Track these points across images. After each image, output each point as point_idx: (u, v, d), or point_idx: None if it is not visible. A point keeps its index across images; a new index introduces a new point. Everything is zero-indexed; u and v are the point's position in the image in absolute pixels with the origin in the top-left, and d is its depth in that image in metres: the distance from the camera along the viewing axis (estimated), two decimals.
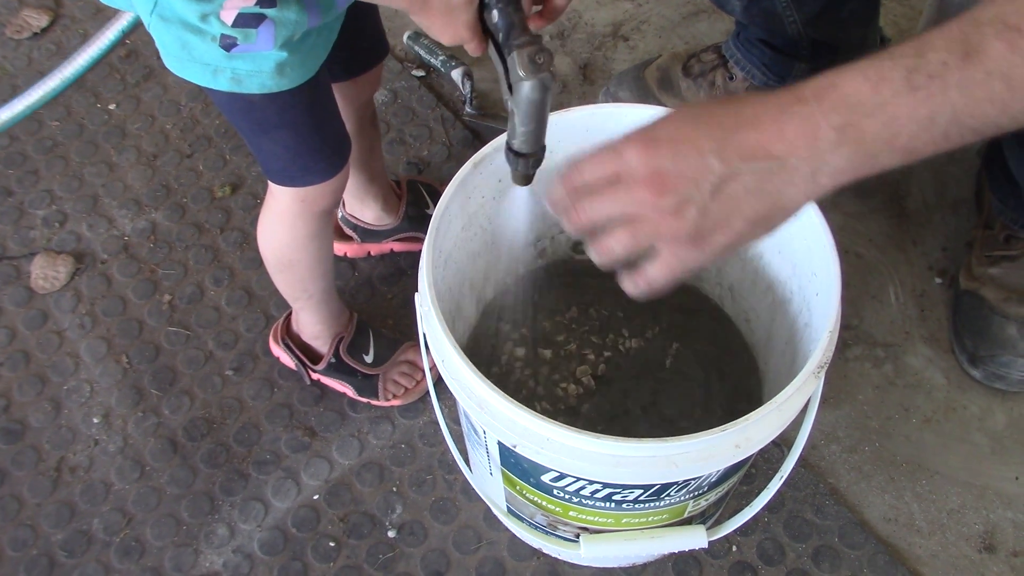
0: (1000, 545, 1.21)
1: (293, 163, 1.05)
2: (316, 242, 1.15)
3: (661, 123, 0.67)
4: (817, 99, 0.63)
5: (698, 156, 0.64)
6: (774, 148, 0.63)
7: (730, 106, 0.66)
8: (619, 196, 0.67)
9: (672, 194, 0.65)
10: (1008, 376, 1.29)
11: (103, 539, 1.23)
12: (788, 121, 0.63)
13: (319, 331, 1.30)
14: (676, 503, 0.93)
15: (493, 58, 0.80)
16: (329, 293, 1.26)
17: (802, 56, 1.39)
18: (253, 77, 0.92)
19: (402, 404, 1.32)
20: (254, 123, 1.01)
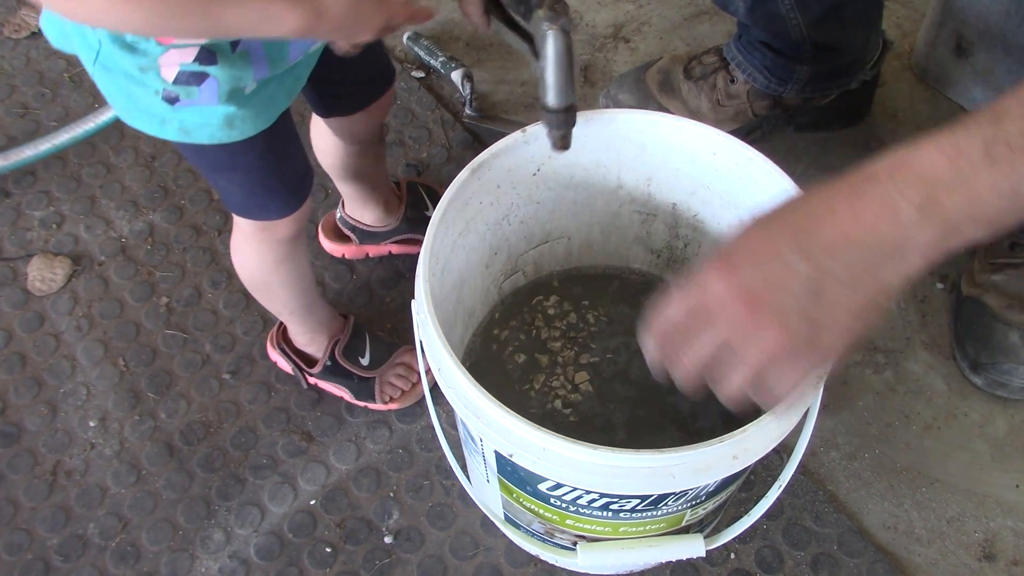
0: (1000, 554, 1.21)
1: (248, 200, 1.04)
2: (286, 265, 1.15)
3: (733, 243, 0.65)
4: (891, 177, 0.60)
5: (782, 263, 0.61)
6: (855, 234, 0.61)
7: (799, 203, 0.64)
8: (717, 328, 0.64)
9: (769, 309, 0.62)
10: (1010, 384, 1.28)
11: (99, 543, 1.23)
12: (865, 204, 0.60)
13: (309, 339, 1.30)
14: (674, 512, 0.92)
15: (501, 32, 0.86)
16: (311, 307, 1.25)
17: (804, 59, 1.38)
18: (201, 129, 0.91)
19: (400, 407, 1.31)
20: (207, 164, 1.00)
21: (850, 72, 1.44)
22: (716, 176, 1.02)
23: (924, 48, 1.60)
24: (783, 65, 1.40)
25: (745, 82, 1.45)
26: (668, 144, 1.01)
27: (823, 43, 1.35)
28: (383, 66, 1.19)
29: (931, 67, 1.60)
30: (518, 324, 1.17)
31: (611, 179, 1.08)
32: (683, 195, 1.08)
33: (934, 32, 1.56)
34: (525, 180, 1.04)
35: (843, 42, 1.38)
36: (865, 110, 1.57)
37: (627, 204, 1.12)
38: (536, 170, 1.03)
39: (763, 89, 1.44)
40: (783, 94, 1.44)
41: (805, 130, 1.55)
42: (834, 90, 1.46)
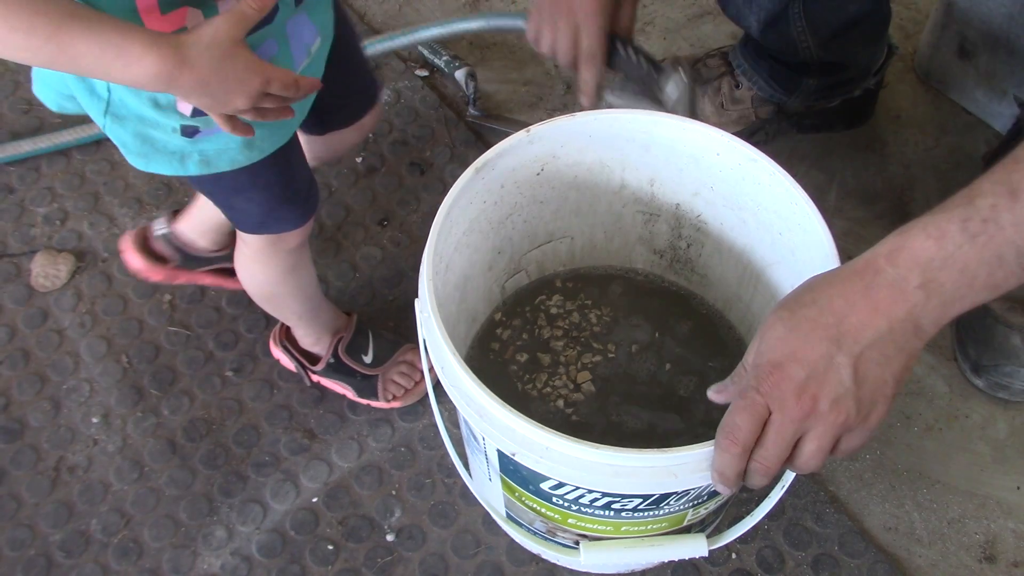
0: (1000, 555, 1.21)
1: (267, 217, 1.04)
2: (294, 275, 1.16)
3: (766, 349, 0.73)
4: (892, 264, 0.70)
5: (826, 362, 0.71)
6: (878, 323, 0.71)
7: (817, 303, 0.72)
8: (785, 428, 0.72)
9: (824, 398, 0.71)
10: (1011, 386, 1.28)
11: (101, 540, 1.23)
12: (877, 293, 0.71)
13: (314, 340, 1.30)
14: (676, 512, 0.92)
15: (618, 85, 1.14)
16: (317, 310, 1.26)
17: (811, 73, 1.38)
18: (222, 155, 0.91)
19: (403, 405, 1.31)
20: (226, 189, 1.00)
21: (855, 81, 1.44)
22: (719, 177, 1.02)
23: (927, 50, 1.60)
24: (789, 77, 1.40)
25: (749, 88, 1.45)
26: (672, 145, 1.02)
27: (830, 60, 1.36)
28: (368, 84, 1.17)
29: (934, 69, 1.61)
30: (521, 324, 1.17)
31: (614, 179, 1.08)
32: (686, 196, 1.08)
33: (937, 34, 1.56)
34: (529, 180, 1.04)
35: (850, 58, 1.39)
36: (868, 113, 1.57)
37: (630, 204, 1.12)
38: (540, 170, 1.04)
39: (768, 97, 1.44)
40: (787, 102, 1.44)
41: (808, 132, 1.55)
42: (838, 98, 1.46)
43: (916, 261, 0.69)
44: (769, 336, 0.74)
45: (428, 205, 1.51)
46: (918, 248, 0.69)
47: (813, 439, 0.73)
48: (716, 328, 1.17)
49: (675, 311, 1.18)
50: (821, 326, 0.72)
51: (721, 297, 1.17)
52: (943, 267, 0.69)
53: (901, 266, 0.70)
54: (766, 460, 0.74)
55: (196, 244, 1.33)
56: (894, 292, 0.70)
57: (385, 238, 1.48)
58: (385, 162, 1.56)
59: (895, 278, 0.70)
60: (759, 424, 0.73)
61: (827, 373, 0.71)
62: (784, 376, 0.72)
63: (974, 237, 0.68)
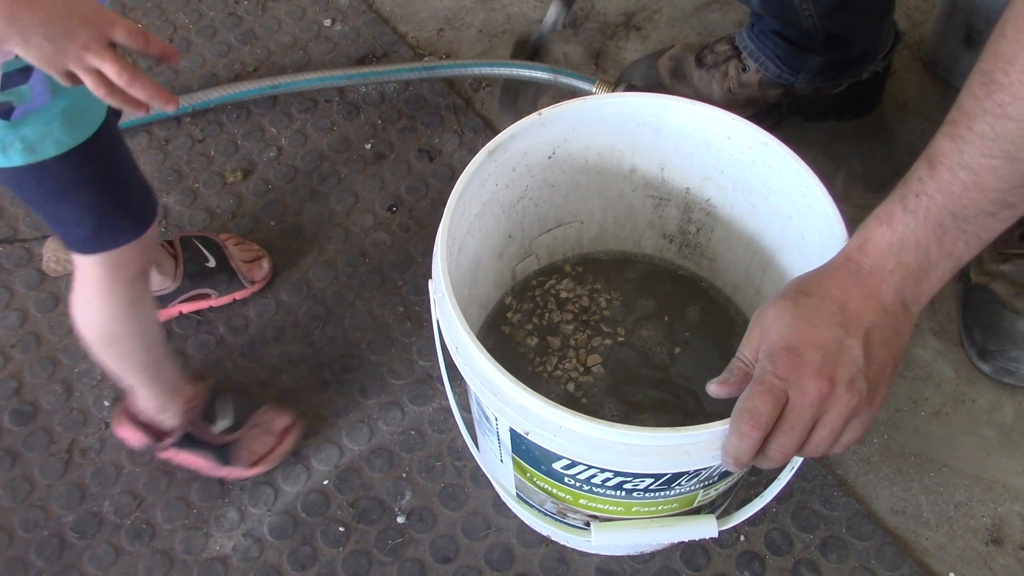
0: (1007, 538, 1.22)
1: (101, 226, 0.97)
2: (138, 311, 1.08)
3: (778, 338, 0.75)
4: (864, 255, 0.76)
5: (836, 342, 0.74)
6: (873, 306, 0.76)
7: (816, 294, 0.76)
8: (804, 412, 0.74)
9: (841, 379, 0.74)
10: (1018, 371, 1.29)
11: (114, 521, 1.24)
12: (864, 282, 0.76)
13: (161, 406, 1.19)
14: (686, 492, 0.93)
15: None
16: (163, 364, 1.17)
17: (816, 50, 1.39)
18: (46, 139, 0.86)
19: (266, 469, 1.25)
20: (50, 192, 0.93)
21: (862, 62, 1.45)
22: (730, 161, 1.03)
23: (934, 39, 1.61)
24: (795, 55, 1.41)
25: (757, 71, 1.45)
26: (682, 128, 1.02)
27: (835, 33, 1.36)
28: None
29: (941, 58, 1.61)
30: (531, 307, 1.18)
31: (625, 163, 1.09)
32: (696, 180, 1.09)
33: (944, 23, 1.56)
34: (540, 163, 1.05)
35: (855, 32, 1.39)
36: (875, 100, 1.57)
37: (640, 188, 1.13)
38: (551, 153, 1.04)
39: (774, 78, 1.45)
40: (794, 83, 1.45)
41: (815, 119, 1.55)
42: (845, 80, 1.47)
43: (880, 249, 0.75)
44: (778, 325, 0.76)
45: (437, 192, 1.52)
46: (878, 236, 0.75)
47: (827, 423, 0.75)
48: (725, 312, 1.18)
49: (684, 295, 1.19)
50: (826, 313, 0.75)
51: (730, 282, 1.17)
52: (903, 248, 0.75)
53: (872, 255, 0.76)
54: (784, 447, 0.76)
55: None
56: (876, 279, 0.76)
57: (394, 224, 1.49)
58: (394, 149, 1.57)
59: (872, 267, 0.76)
60: (779, 408, 0.74)
61: (840, 355, 0.74)
62: (801, 360, 0.74)
63: (914, 213, 0.74)
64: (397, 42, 1.69)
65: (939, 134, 0.73)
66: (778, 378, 0.74)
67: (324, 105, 1.62)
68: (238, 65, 1.67)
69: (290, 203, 1.51)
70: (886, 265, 0.75)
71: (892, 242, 0.75)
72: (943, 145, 0.72)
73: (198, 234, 1.40)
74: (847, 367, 0.74)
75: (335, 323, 1.39)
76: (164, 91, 0.77)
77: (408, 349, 1.36)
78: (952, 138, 0.72)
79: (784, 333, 0.75)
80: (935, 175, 0.73)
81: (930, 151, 0.73)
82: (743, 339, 0.79)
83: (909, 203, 0.74)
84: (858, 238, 0.77)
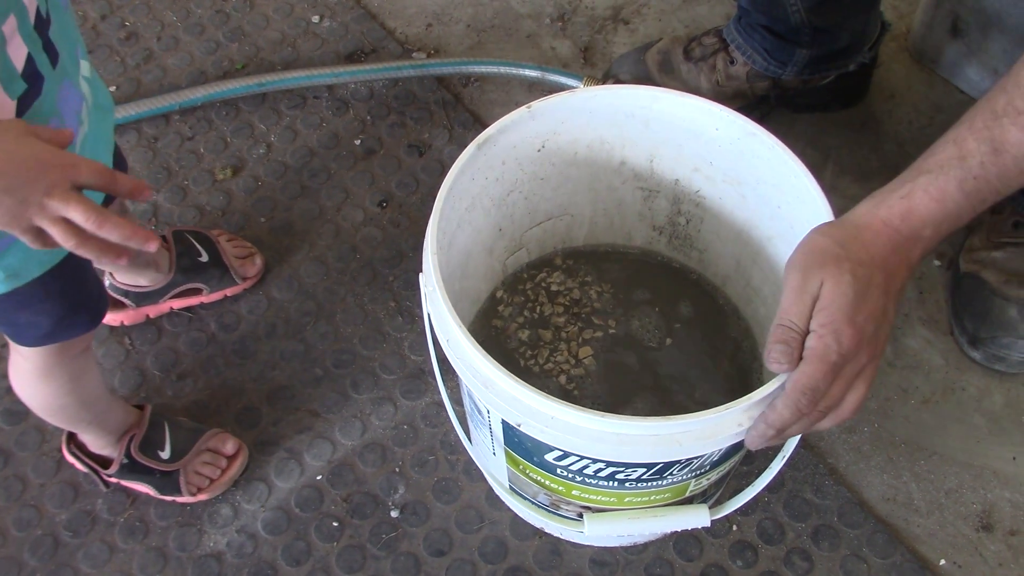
0: (997, 524, 1.23)
1: (56, 327, 0.95)
2: (82, 382, 1.07)
3: (840, 314, 0.75)
4: (907, 224, 0.79)
5: (882, 311, 0.78)
6: (905, 273, 0.80)
7: (865, 266, 0.77)
8: (849, 378, 0.78)
9: (881, 345, 0.79)
10: (1008, 358, 1.29)
11: (107, 519, 1.24)
12: (903, 247, 0.79)
13: (104, 444, 1.20)
14: (678, 482, 0.94)
15: None
16: (106, 413, 1.17)
17: (803, 43, 1.39)
18: (29, 263, 0.85)
19: (210, 497, 1.24)
20: (13, 305, 0.89)
21: (848, 54, 1.45)
22: (719, 152, 1.03)
23: (920, 29, 1.61)
24: (782, 48, 1.41)
25: (744, 64, 1.46)
26: (671, 120, 1.02)
27: (822, 27, 1.36)
28: (119, 164, 1.11)
29: (927, 48, 1.62)
30: (522, 300, 1.18)
31: (614, 156, 1.09)
32: (686, 171, 1.09)
33: (930, 13, 1.57)
34: (530, 156, 1.05)
35: (841, 26, 1.39)
36: (863, 91, 1.58)
37: (630, 181, 1.13)
38: (541, 146, 1.04)
39: (762, 71, 1.45)
40: (782, 76, 1.45)
41: (803, 111, 1.56)
42: (832, 72, 1.47)
43: (925, 221, 0.78)
44: (837, 297, 0.76)
45: (427, 187, 1.52)
46: (925, 210, 0.78)
47: (863, 384, 0.79)
48: (716, 303, 1.19)
49: (675, 287, 1.20)
50: (878, 283, 0.77)
51: (720, 272, 1.18)
52: (944, 220, 0.79)
53: (915, 224, 0.79)
54: (841, 414, 0.79)
55: (138, 284, 1.33)
56: (911, 243, 0.79)
57: (385, 219, 1.49)
58: (383, 144, 1.57)
59: (911, 234, 0.79)
60: (828, 379, 0.77)
61: (883, 321, 0.78)
62: (861, 334, 0.76)
63: (968, 194, 0.78)
64: (385, 38, 1.69)
65: (1005, 123, 0.75)
66: (842, 356, 0.75)
67: (313, 101, 1.62)
68: (226, 62, 1.67)
69: (280, 199, 1.51)
70: (924, 232, 0.79)
71: (939, 217, 0.78)
72: (1012, 134, 0.75)
73: (191, 229, 1.40)
74: (886, 334, 0.79)
75: (326, 319, 1.39)
76: (140, 229, 0.70)
77: (400, 344, 1.37)
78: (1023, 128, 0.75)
79: (846, 308, 0.76)
80: (999, 162, 0.76)
81: (994, 137, 0.76)
82: (785, 300, 0.78)
83: (967, 185, 0.77)
84: (900, 207, 0.79)
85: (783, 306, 0.78)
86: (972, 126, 0.78)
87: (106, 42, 1.69)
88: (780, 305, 0.78)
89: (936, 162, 0.79)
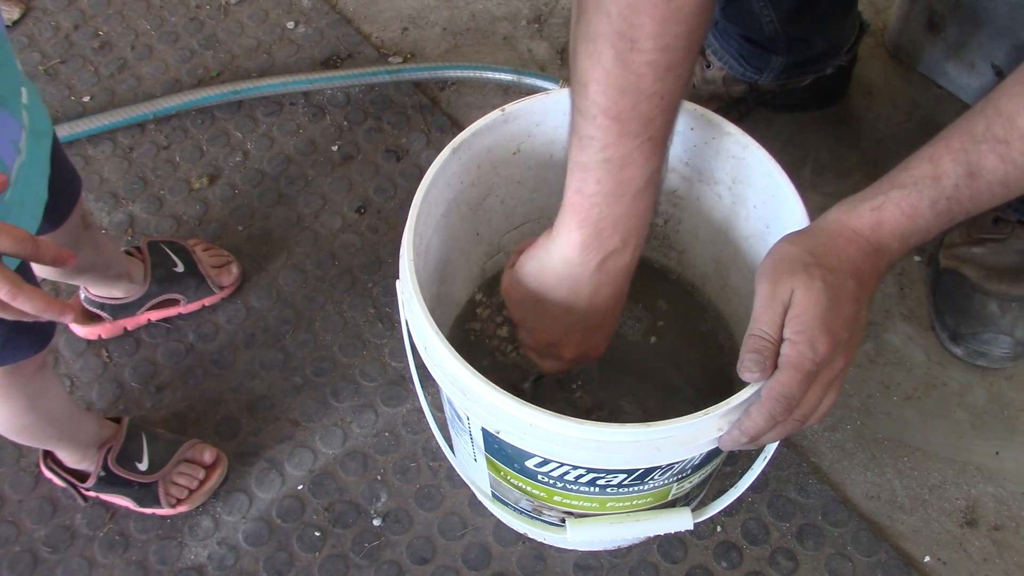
0: (981, 519, 1.22)
1: (3, 348, 0.93)
2: (42, 401, 1.06)
3: (814, 321, 0.75)
4: (876, 235, 0.79)
5: (855, 318, 0.78)
6: (875, 281, 0.80)
7: (837, 272, 0.77)
8: (824, 384, 0.78)
9: (854, 351, 0.79)
10: (990, 353, 1.30)
11: (87, 534, 1.23)
12: (872, 258, 0.79)
13: (79, 458, 1.20)
14: (660, 486, 0.93)
15: None
16: (76, 430, 1.16)
17: (779, 51, 1.39)
18: None
19: (190, 508, 1.23)
20: None
21: (826, 59, 1.45)
22: (694, 152, 1.02)
23: (897, 24, 1.62)
24: (758, 55, 1.41)
25: (720, 68, 1.45)
26: None
27: (797, 36, 1.36)
28: (72, 179, 1.11)
29: (904, 43, 1.62)
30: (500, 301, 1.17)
31: None
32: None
33: (907, 8, 1.57)
34: (505, 159, 1.04)
35: (817, 33, 1.39)
36: (841, 91, 1.58)
37: None
38: (516, 149, 1.04)
39: (738, 76, 1.45)
40: (758, 81, 1.45)
41: (781, 111, 1.56)
42: (809, 76, 1.47)
43: (894, 234, 0.79)
44: (810, 305, 0.76)
45: (405, 192, 1.51)
46: (895, 224, 0.78)
47: (834, 391, 0.79)
48: (694, 303, 1.18)
49: (653, 287, 1.19)
50: (850, 290, 0.77)
51: (699, 272, 1.17)
52: (913, 234, 0.79)
53: (884, 236, 0.79)
54: (811, 420, 0.79)
55: (113, 295, 1.32)
56: (880, 255, 0.79)
57: (363, 226, 1.48)
58: (360, 150, 1.56)
59: (880, 244, 0.79)
60: (802, 390, 0.77)
61: (856, 328, 0.78)
62: (833, 340, 0.76)
63: (940, 214, 0.78)
64: (361, 42, 1.69)
65: (983, 149, 0.75)
66: (817, 364, 0.75)
67: (289, 108, 1.61)
68: (201, 70, 1.66)
69: (258, 207, 1.50)
70: (892, 244, 0.79)
71: (908, 232, 0.79)
72: (990, 162, 0.75)
73: (166, 239, 1.39)
74: (858, 340, 0.79)
75: (306, 327, 1.38)
76: (55, 302, 0.68)
77: (380, 351, 1.36)
78: (1003, 159, 0.74)
79: (820, 315, 0.75)
80: (973, 186, 0.76)
81: (971, 161, 0.76)
82: (756, 309, 0.78)
83: (939, 205, 0.77)
84: (870, 219, 0.79)
85: (755, 315, 0.78)
86: (949, 146, 0.77)
87: (79, 52, 1.68)
88: (752, 314, 0.78)
89: (910, 177, 0.78)
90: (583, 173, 0.83)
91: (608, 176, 0.82)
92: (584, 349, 0.95)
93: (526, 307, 0.93)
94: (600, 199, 0.83)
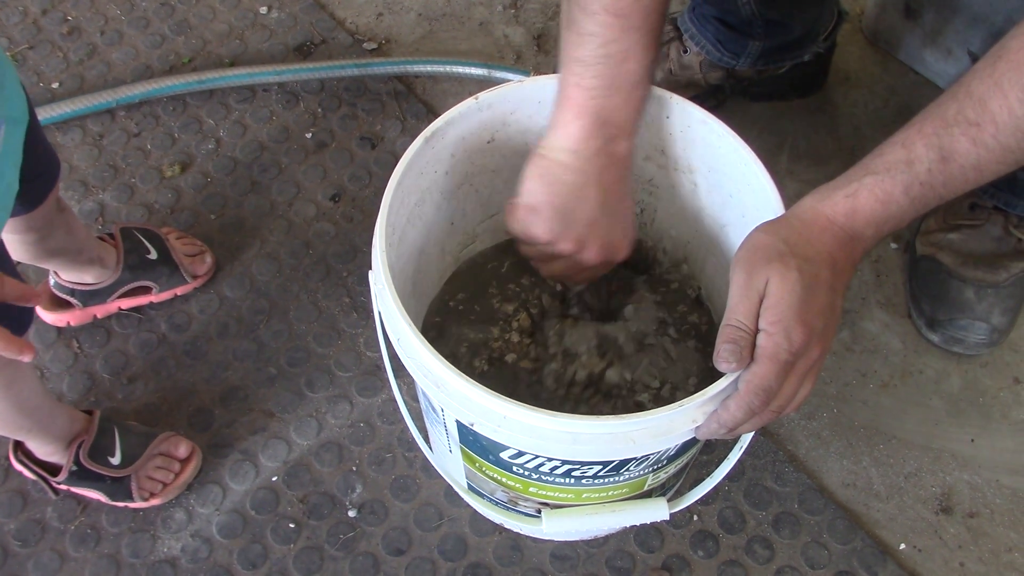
0: (956, 506, 1.23)
1: None
2: (13, 389, 1.04)
3: (789, 312, 0.75)
4: (851, 222, 0.79)
5: (830, 307, 0.78)
6: (850, 268, 0.81)
7: (812, 262, 0.77)
8: (801, 374, 0.78)
9: (829, 339, 0.79)
10: (966, 339, 1.30)
11: (57, 527, 1.21)
12: (847, 246, 0.79)
13: (50, 451, 1.18)
14: (636, 477, 0.93)
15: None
16: (47, 422, 1.14)
17: (756, 35, 1.38)
18: None
19: (163, 502, 1.22)
20: None
21: (803, 45, 1.44)
22: (670, 140, 1.02)
23: (874, 11, 1.61)
24: (735, 40, 1.40)
25: (698, 53, 1.44)
26: None
27: (774, 19, 1.35)
28: (51, 161, 1.09)
29: (881, 30, 1.61)
30: (475, 292, 1.16)
31: None
32: (637, 160, 1.07)
33: None
34: (479, 148, 1.03)
35: (794, 18, 1.38)
36: (820, 80, 1.57)
37: None
38: (490, 138, 1.03)
39: (716, 61, 1.44)
40: (735, 67, 1.44)
41: (759, 99, 1.55)
42: (787, 62, 1.46)
43: (868, 221, 0.79)
44: (785, 295, 0.75)
45: (380, 180, 1.50)
46: (869, 211, 0.79)
47: (810, 381, 0.79)
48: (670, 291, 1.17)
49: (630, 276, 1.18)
50: (824, 279, 0.77)
51: (674, 260, 1.17)
52: (887, 221, 0.79)
53: (858, 223, 0.79)
54: (787, 409, 0.79)
55: (83, 281, 1.30)
56: (855, 243, 0.80)
57: (338, 214, 1.47)
58: (335, 137, 1.54)
59: (855, 232, 0.79)
60: (780, 381, 0.77)
61: (832, 317, 0.78)
62: (811, 330, 0.76)
63: (913, 199, 0.78)
64: (335, 28, 1.67)
65: (955, 132, 0.75)
66: (793, 354, 0.75)
67: (263, 95, 1.59)
68: (173, 56, 1.64)
69: (230, 196, 1.48)
70: (867, 232, 0.79)
71: (882, 218, 0.79)
72: (962, 145, 0.75)
73: (139, 226, 1.37)
74: (833, 328, 0.79)
75: (280, 316, 1.37)
76: (14, 340, 0.71)
77: (355, 340, 1.35)
78: (975, 142, 0.74)
79: (795, 305, 0.75)
80: (946, 170, 0.76)
81: (943, 145, 0.76)
82: (731, 299, 0.78)
83: (912, 190, 0.77)
84: (844, 206, 0.79)
85: (730, 305, 0.77)
86: (922, 131, 0.77)
87: (48, 37, 1.65)
88: (728, 305, 0.78)
89: (884, 163, 0.79)
90: (581, 68, 0.86)
91: (608, 70, 0.85)
92: (609, 248, 0.96)
93: (542, 214, 0.93)
94: (599, 92, 0.86)
